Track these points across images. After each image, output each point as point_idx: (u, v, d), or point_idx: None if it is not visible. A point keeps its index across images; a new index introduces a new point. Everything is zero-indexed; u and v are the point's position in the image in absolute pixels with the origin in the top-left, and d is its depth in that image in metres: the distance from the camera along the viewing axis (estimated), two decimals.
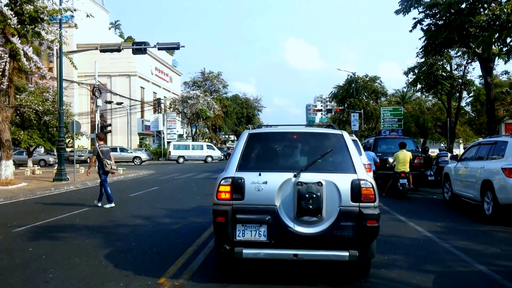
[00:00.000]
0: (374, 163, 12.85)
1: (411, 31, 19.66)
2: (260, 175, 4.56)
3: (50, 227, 8.24)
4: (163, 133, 46.54)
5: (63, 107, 18.74)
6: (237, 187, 4.52)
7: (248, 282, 4.84)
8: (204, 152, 40.60)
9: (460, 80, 27.97)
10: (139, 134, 49.41)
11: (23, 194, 13.40)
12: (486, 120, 23.45)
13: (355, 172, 4.56)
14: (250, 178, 4.54)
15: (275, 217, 4.42)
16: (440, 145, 33.24)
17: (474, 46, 17.76)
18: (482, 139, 12.53)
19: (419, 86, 28.37)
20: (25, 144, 24.89)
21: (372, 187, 4.48)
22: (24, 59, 14.12)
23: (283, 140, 5.35)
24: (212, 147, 42.57)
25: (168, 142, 47.64)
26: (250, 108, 68.69)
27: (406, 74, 28.65)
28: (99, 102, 28.07)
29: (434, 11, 18.57)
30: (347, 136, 5.04)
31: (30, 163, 27.28)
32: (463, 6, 17.03)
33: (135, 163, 36.05)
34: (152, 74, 52.91)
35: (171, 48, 22.43)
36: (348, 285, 4.87)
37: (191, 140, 49.22)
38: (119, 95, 44.08)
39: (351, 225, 4.38)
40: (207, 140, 54.95)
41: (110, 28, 61.80)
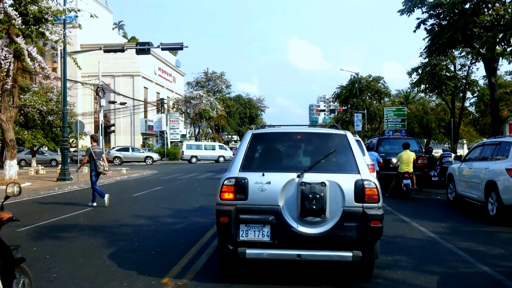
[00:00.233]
0: (378, 164, 12.83)
1: (415, 31, 19.58)
2: (263, 175, 4.55)
3: (54, 226, 8.27)
4: (166, 133, 46.63)
5: (67, 107, 18.81)
6: (240, 187, 4.51)
7: (251, 282, 4.84)
8: (216, 152, 40.95)
9: (464, 81, 27.85)
10: (142, 134, 49.51)
11: (27, 194, 13.45)
12: (490, 121, 23.33)
13: (359, 173, 4.54)
14: (254, 178, 4.54)
15: (279, 217, 4.41)
16: (444, 145, 33.10)
17: (478, 46, 17.64)
18: (486, 140, 12.48)
19: (423, 86, 28.29)
20: (29, 144, 25.01)
21: (376, 187, 4.47)
22: (28, 59, 14.18)
23: (286, 140, 5.35)
24: (224, 147, 42.83)
25: (171, 142, 47.77)
26: (253, 108, 68.66)
27: (410, 74, 28.58)
28: (103, 102, 28.17)
29: (438, 11, 18.50)
30: (350, 136, 5.03)
31: (34, 163, 27.38)
32: (467, 6, 16.94)
33: (147, 163, 36.72)
34: (155, 74, 53.00)
35: (175, 48, 22.50)
36: (351, 285, 4.86)
37: (193, 140, 49.30)
38: (122, 95, 44.19)
39: (354, 225, 4.36)
40: (209, 140, 54.98)
41: (113, 28, 61.95)
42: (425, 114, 37.29)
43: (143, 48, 20.77)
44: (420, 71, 27.65)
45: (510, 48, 15.44)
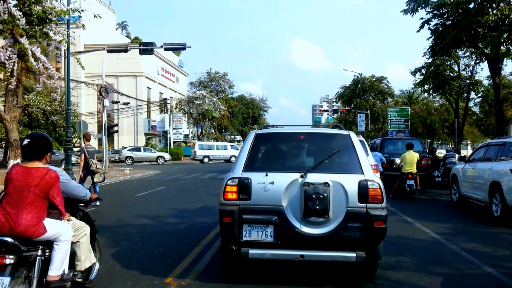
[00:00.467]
0: (381, 164, 12.78)
1: (419, 31, 19.55)
2: (266, 175, 4.54)
3: None
4: (169, 133, 46.72)
5: (71, 107, 18.84)
6: (243, 187, 4.51)
7: (254, 283, 4.83)
8: (228, 152, 41.10)
9: (468, 81, 27.76)
10: (146, 134, 49.63)
11: None
12: (494, 121, 23.24)
13: (362, 173, 4.53)
14: (257, 179, 4.53)
15: (282, 217, 4.40)
16: (448, 146, 33.01)
17: (482, 46, 17.59)
18: (490, 140, 12.42)
19: (426, 86, 28.21)
20: None
21: (380, 187, 4.45)
22: (32, 59, 14.20)
23: (290, 140, 5.34)
24: (235, 147, 42.95)
25: (174, 142, 47.85)
26: (256, 109, 68.63)
27: (413, 74, 28.52)
28: (106, 102, 28.19)
29: (441, 11, 18.45)
30: (354, 137, 5.01)
31: None
32: (471, 6, 16.88)
33: (159, 162, 37.05)
34: (158, 75, 53.11)
35: (178, 48, 22.55)
36: (354, 286, 4.85)
37: (196, 140, 49.39)
38: (125, 95, 44.30)
39: (358, 226, 4.34)
40: (212, 140, 55.03)
41: (117, 28, 62.10)
42: (428, 115, 37.19)
43: (146, 48, 20.84)
44: (423, 71, 27.59)
45: None
